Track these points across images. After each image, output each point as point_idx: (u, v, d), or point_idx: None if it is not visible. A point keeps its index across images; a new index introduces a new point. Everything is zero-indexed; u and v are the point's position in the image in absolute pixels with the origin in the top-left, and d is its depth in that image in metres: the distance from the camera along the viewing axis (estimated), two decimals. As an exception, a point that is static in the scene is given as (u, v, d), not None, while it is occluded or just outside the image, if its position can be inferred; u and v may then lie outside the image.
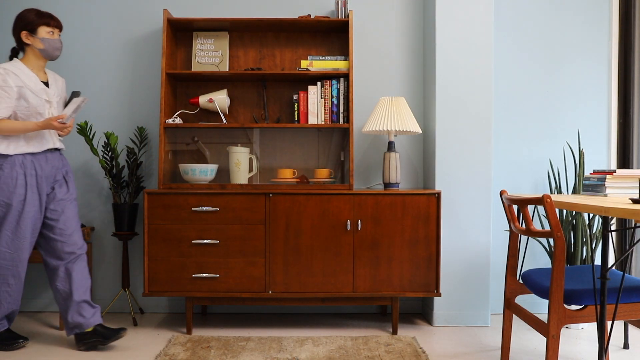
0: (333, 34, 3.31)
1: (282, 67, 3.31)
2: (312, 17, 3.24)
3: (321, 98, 3.09)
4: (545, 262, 3.38)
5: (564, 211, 3.06)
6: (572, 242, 3.03)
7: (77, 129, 3.06)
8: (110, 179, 3.13)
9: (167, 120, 3.06)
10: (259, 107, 3.32)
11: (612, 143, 3.39)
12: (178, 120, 3.08)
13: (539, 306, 3.34)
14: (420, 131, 3.06)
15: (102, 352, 2.63)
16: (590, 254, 2.98)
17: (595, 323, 2.27)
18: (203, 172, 3.04)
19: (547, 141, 3.40)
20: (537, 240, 3.26)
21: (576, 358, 2.59)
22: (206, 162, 3.31)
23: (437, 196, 2.88)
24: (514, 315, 3.17)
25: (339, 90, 3.08)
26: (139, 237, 3.33)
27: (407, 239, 2.88)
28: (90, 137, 3.10)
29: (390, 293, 2.88)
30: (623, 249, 3.26)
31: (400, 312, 3.35)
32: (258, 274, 2.87)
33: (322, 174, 3.15)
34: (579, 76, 3.40)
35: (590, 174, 2.47)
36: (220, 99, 3.13)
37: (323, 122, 3.09)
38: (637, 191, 2.28)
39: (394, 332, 2.93)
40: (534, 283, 2.13)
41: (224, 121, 3.17)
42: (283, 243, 2.87)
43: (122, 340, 2.80)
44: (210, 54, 3.22)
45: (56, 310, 3.34)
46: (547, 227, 3.40)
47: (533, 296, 3.32)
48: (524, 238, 3.44)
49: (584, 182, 2.51)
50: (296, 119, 3.12)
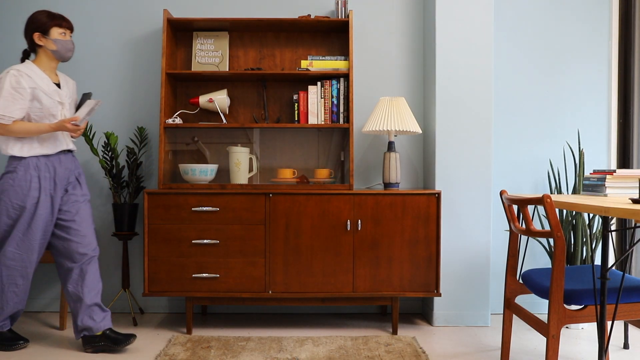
0: (333, 34, 3.31)
1: (282, 67, 3.31)
2: (312, 17, 3.24)
3: (321, 98, 3.09)
4: (545, 262, 3.38)
5: (564, 211, 3.06)
6: (572, 242, 3.03)
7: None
8: (110, 179, 3.13)
9: (167, 120, 3.06)
10: (259, 107, 3.32)
11: (612, 143, 3.39)
12: (178, 120, 3.08)
13: (539, 306, 3.34)
14: (420, 131, 3.06)
15: (102, 352, 2.63)
16: (590, 254, 2.98)
17: (595, 323, 2.27)
18: (203, 172, 3.04)
19: (547, 141, 3.40)
20: (537, 240, 3.26)
21: (576, 358, 2.59)
22: (206, 162, 3.31)
23: (437, 196, 2.89)
24: (514, 315, 3.17)
25: (339, 90, 3.08)
26: (139, 237, 3.33)
27: (407, 239, 2.88)
28: (90, 137, 3.10)
29: (390, 293, 2.88)
30: (623, 249, 3.26)
31: (400, 312, 3.35)
32: (258, 274, 2.87)
33: (322, 174, 3.15)
34: (579, 76, 3.40)
35: (590, 174, 2.47)
36: (220, 99, 3.13)
37: (323, 122, 3.09)
38: (637, 191, 2.28)
39: (394, 332, 2.93)
40: (534, 283, 2.13)
41: (224, 121, 3.17)
42: (283, 243, 2.88)
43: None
44: (210, 54, 3.22)
45: (56, 311, 3.34)
46: (547, 227, 3.41)
47: (533, 296, 3.32)
48: (524, 238, 3.43)
49: (584, 182, 2.51)
50: (296, 119, 3.12)
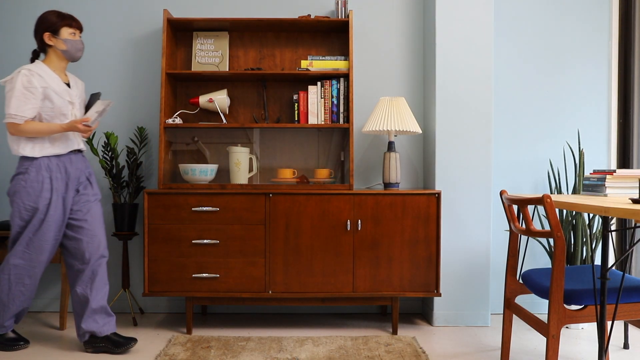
0: (333, 34, 3.31)
1: (282, 67, 3.31)
2: (312, 17, 3.24)
3: (321, 98, 3.09)
4: (545, 262, 3.38)
5: (564, 211, 3.06)
6: (572, 242, 3.03)
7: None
8: (110, 179, 3.13)
9: (167, 120, 3.06)
10: (259, 107, 3.32)
11: (612, 143, 3.39)
12: (178, 120, 3.08)
13: (539, 306, 3.34)
14: (420, 131, 3.06)
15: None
16: (590, 254, 2.98)
17: (595, 323, 2.27)
18: (203, 172, 3.04)
19: (547, 141, 3.40)
20: (537, 240, 3.26)
21: (576, 358, 2.59)
22: (206, 162, 3.31)
23: (437, 196, 2.89)
24: (514, 315, 3.17)
25: (339, 90, 3.08)
26: (139, 237, 3.33)
27: (407, 239, 2.88)
28: (91, 137, 3.10)
29: (390, 293, 2.88)
30: (623, 249, 3.26)
31: (400, 312, 3.35)
32: (258, 274, 2.87)
33: (322, 174, 3.15)
34: (579, 76, 3.40)
35: (590, 174, 2.47)
36: (220, 99, 3.13)
37: (323, 122, 3.09)
38: (637, 191, 2.28)
39: (394, 332, 2.93)
40: (534, 283, 2.13)
41: (224, 121, 3.17)
42: (283, 243, 2.87)
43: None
44: (210, 54, 3.22)
45: (56, 311, 3.34)
46: (547, 227, 3.41)
47: (533, 296, 3.32)
48: (524, 238, 3.44)
49: (584, 182, 2.51)
50: (296, 119, 3.12)
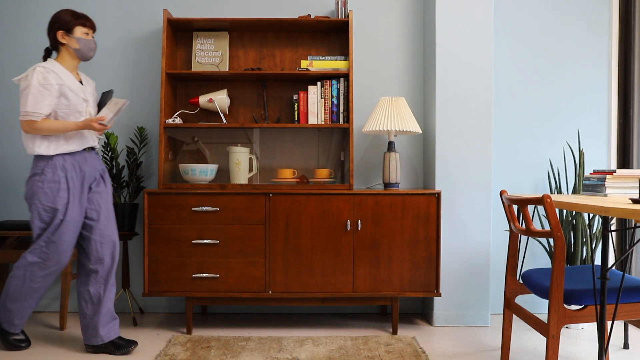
0: (333, 34, 3.31)
1: (282, 67, 3.31)
2: (312, 17, 3.24)
3: (321, 98, 3.09)
4: (545, 262, 3.38)
5: (564, 211, 3.06)
6: (572, 242, 3.03)
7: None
8: (110, 179, 3.13)
9: (167, 120, 3.06)
10: (259, 107, 3.32)
11: (612, 143, 3.39)
12: (178, 120, 3.08)
13: (539, 306, 3.34)
14: (420, 131, 3.06)
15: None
16: (590, 254, 2.98)
17: (595, 323, 2.27)
18: (203, 172, 3.04)
19: (547, 141, 3.40)
20: (537, 240, 3.26)
21: (576, 358, 2.59)
22: (206, 162, 3.31)
23: (437, 196, 2.89)
24: (514, 315, 3.17)
25: (339, 90, 3.08)
26: (139, 237, 3.33)
27: (407, 239, 2.88)
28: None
29: (390, 293, 2.88)
30: (623, 249, 3.26)
31: (400, 312, 3.35)
32: (258, 274, 2.87)
33: (322, 174, 3.15)
34: (579, 76, 3.40)
35: (590, 174, 2.47)
36: (220, 99, 3.13)
37: (323, 122, 3.09)
38: (637, 191, 2.28)
39: (394, 332, 2.93)
40: (534, 283, 2.13)
41: (224, 121, 3.17)
42: (283, 243, 2.87)
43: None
44: (210, 54, 3.22)
45: (56, 311, 3.34)
46: (547, 227, 3.41)
47: (533, 296, 3.32)
48: (524, 238, 3.43)
49: (584, 182, 2.51)
50: (296, 119, 3.12)
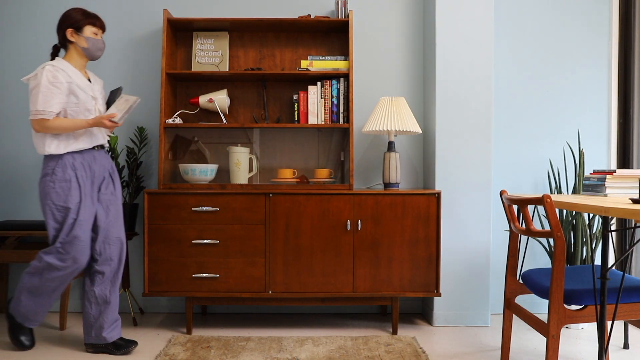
0: (333, 34, 3.31)
1: (282, 67, 3.31)
2: (312, 17, 3.24)
3: (321, 98, 3.09)
4: (545, 262, 3.38)
5: (564, 211, 3.06)
6: (572, 242, 3.03)
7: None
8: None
9: (167, 120, 3.06)
10: (259, 107, 3.32)
11: (612, 143, 3.39)
12: (178, 120, 3.08)
13: (539, 306, 3.34)
14: (420, 131, 3.06)
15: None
16: (590, 254, 2.98)
17: (595, 323, 2.27)
18: (203, 172, 3.04)
19: (547, 141, 3.40)
20: (537, 240, 3.26)
21: (576, 358, 2.59)
22: (206, 162, 3.31)
23: (437, 196, 2.88)
24: (514, 315, 3.17)
25: (339, 90, 3.08)
26: (139, 237, 3.33)
27: (407, 239, 2.88)
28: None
29: (390, 293, 2.88)
30: (623, 249, 3.26)
31: (400, 312, 3.35)
32: (258, 274, 2.87)
33: (322, 174, 3.15)
34: (579, 76, 3.40)
35: (590, 174, 2.47)
36: (220, 99, 3.13)
37: (323, 122, 3.09)
38: (637, 191, 2.28)
39: (394, 332, 2.93)
40: (534, 283, 2.13)
41: (224, 121, 3.17)
42: (283, 243, 2.87)
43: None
44: (210, 54, 3.22)
45: (56, 311, 3.34)
46: (547, 227, 3.40)
47: (533, 296, 3.32)
48: (524, 238, 3.43)
49: (584, 182, 2.51)
50: (296, 119, 3.12)
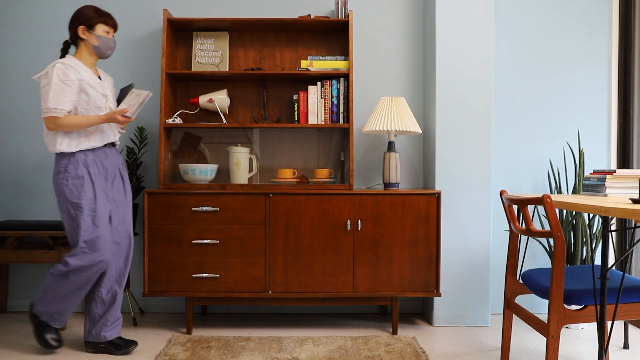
0: (333, 34, 3.31)
1: (282, 67, 3.31)
2: (312, 17, 3.24)
3: (321, 98, 3.09)
4: (545, 262, 3.38)
5: (564, 211, 3.06)
6: (572, 242, 3.03)
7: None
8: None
9: (167, 120, 3.06)
10: (259, 107, 3.32)
11: (612, 143, 3.39)
12: (178, 120, 3.08)
13: (539, 306, 3.34)
14: (420, 131, 3.06)
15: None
16: (590, 254, 2.98)
17: (595, 323, 2.27)
18: (203, 172, 3.04)
19: (547, 141, 3.40)
20: (537, 240, 3.26)
21: (576, 358, 2.59)
22: (206, 162, 3.31)
23: (437, 196, 2.88)
24: (514, 315, 3.17)
25: (339, 90, 3.08)
26: (139, 237, 3.33)
27: (407, 239, 2.88)
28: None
29: (390, 293, 2.88)
30: (623, 249, 3.26)
31: (400, 312, 3.35)
32: (258, 274, 2.87)
33: (322, 174, 3.15)
34: (579, 76, 3.40)
35: (590, 174, 2.47)
36: (220, 99, 3.13)
37: (323, 122, 3.09)
38: (637, 191, 2.28)
39: (394, 332, 2.93)
40: (534, 283, 2.13)
41: (224, 121, 3.17)
42: (283, 243, 2.87)
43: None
44: (210, 54, 3.22)
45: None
46: (547, 227, 3.40)
47: (533, 296, 3.32)
48: (524, 238, 3.43)
49: (584, 182, 2.51)
50: (296, 119, 3.12)
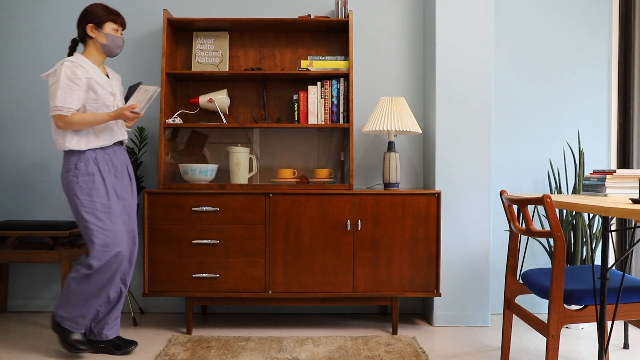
0: (333, 34, 3.31)
1: (282, 67, 3.31)
2: (312, 17, 3.24)
3: (321, 98, 3.09)
4: (545, 262, 3.38)
5: (564, 211, 3.06)
6: (572, 242, 3.03)
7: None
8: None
9: (167, 120, 3.06)
10: (259, 107, 3.32)
11: (612, 143, 3.39)
12: (178, 120, 3.08)
13: (539, 306, 3.34)
14: (420, 131, 3.06)
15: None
16: (590, 254, 2.98)
17: (595, 323, 2.27)
18: (203, 172, 3.04)
19: (547, 141, 3.40)
20: (537, 240, 3.26)
21: (576, 358, 2.59)
22: (206, 162, 3.31)
23: (437, 196, 2.88)
24: (514, 315, 3.17)
25: (339, 90, 3.08)
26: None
27: (407, 239, 2.88)
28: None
29: (390, 293, 2.88)
30: (623, 249, 3.26)
31: (400, 312, 3.35)
32: (258, 274, 2.87)
33: (322, 174, 3.15)
34: (579, 76, 3.40)
35: (590, 174, 2.47)
36: (220, 99, 3.13)
37: (323, 122, 3.09)
38: (637, 191, 2.28)
39: (394, 332, 2.93)
40: (534, 283, 2.13)
41: (224, 121, 3.17)
42: (283, 243, 2.87)
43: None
44: (210, 54, 3.22)
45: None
46: (547, 227, 3.41)
47: (533, 296, 3.32)
48: (524, 238, 3.44)
49: (584, 182, 2.51)
50: (296, 119, 3.12)
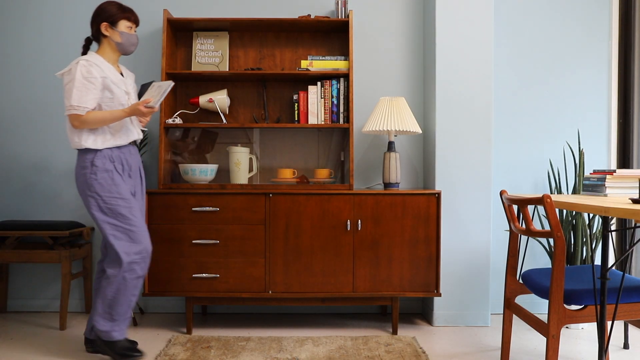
0: (333, 34, 3.31)
1: (282, 67, 3.31)
2: (312, 17, 3.24)
3: (321, 98, 3.09)
4: (545, 262, 3.38)
5: (564, 211, 3.06)
6: (572, 242, 3.03)
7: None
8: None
9: (167, 120, 3.06)
10: (259, 107, 3.32)
11: (612, 143, 3.39)
12: (178, 120, 3.08)
13: (539, 306, 3.34)
14: (420, 131, 3.06)
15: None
16: (590, 254, 2.98)
17: (595, 323, 2.27)
18: (203, 172, 3.04)
19: (547, 141, 3.40)
20: (537, 240, 3.26)
21: (576, 358, 2.59)
22: (206, 162, 3.31)
23: (437, 196, 2.89)
24: (514, 315, 3.17)
25: (339, 90, 3.08)
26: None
27: (407, 239, 2.88)
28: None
29: (390, 293, 2.88)
30: (623, 249, 3.26)
31: (400, 312, 3.35)
32: (258, 274, 2.87)
33: (322, 174, 3.15)
34: (579, 76, 3.40)
35: (590, 174, 2.47)
36: (220, 99, 3.13)
37: (323, 122, 3.09)
38: (637, 191, 2.28)
39: (394, 332, 2.93)
40: (534, 283, 2.13)
41: (224, 121, 3.17)
42: (283, 243, 2.87)
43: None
44: (210, 54, 3.22)
45: (56, 311, 3.34)
46: (547, 227, 3.41)
47: (533, 296, 3.32)
48: (524, 238, 3.44)
49: (584, 182, 2.51)
50: (296, 119, 3.12)
